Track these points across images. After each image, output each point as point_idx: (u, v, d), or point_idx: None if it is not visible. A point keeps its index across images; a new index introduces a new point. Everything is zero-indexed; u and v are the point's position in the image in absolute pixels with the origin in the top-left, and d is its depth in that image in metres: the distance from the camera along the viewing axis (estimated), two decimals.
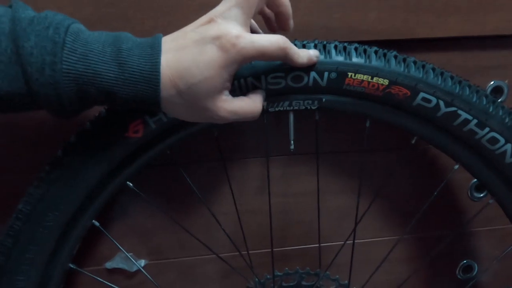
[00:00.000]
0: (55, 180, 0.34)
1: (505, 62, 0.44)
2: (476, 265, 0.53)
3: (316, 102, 0.36)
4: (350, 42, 0.35)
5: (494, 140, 0.36)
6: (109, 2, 0.37)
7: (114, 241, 0.42)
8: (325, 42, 0.34)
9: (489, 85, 0.45)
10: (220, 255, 0.44)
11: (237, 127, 0.44)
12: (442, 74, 0.35)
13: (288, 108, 0.36)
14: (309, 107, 0.36)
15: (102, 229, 0.39)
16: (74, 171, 0.34)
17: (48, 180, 0.34)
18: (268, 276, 0.46)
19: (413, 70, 0.35)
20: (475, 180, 0.49)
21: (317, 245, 0.46)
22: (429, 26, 0.40)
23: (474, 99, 0.35)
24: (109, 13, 0.37)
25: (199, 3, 0.38)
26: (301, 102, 0.36)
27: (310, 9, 0.39)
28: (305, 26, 0.39)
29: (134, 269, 0.46)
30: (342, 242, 0.46)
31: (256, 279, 0.46)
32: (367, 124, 0.38)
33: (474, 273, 0.54)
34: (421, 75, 0.35)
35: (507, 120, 0.36)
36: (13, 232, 0.34)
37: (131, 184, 0.38)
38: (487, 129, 0.36)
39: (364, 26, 0.40)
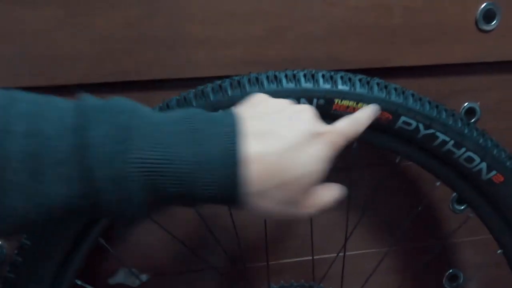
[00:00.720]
0: None
1: (475, 86, 0.48)
2: (461, 274, 0.56)
3: None
4: (336, 71, 0.38)
5: (470, 159, 0.39)
6: (115, 38, 0.40)
7: (118, 257, 0.44)
8: (313, 72, 0.38)
9: (463, 106, 0.49)
10: (218, 269, 0.47)
11: None
12: (420, 99, 0.39)
13: None
14: None
15: (107, 246, 0.41)
16: None
17: None
18: None
19: (394, 96, 0.38)
20: (456, 193, 0.52)
21: (311, 257, 0.49)
22: (404, 55, 0.44)
23: (451, 122, 0.39)
24: (114, 48, 0.40)
25: (196, 38, 0.41)
26: None
27: (297, 42, 0.42)
28: (294, 57, 0.43)
29: (137, 284, 0.48)
30: (335, 255, 0.48)
31: None
32: (354, 145, 0.41)
33: (460, 281, 0.56)
34: (401, 101, 0.38)
35: (481, 140, 0.39)
36: (23, 250, 0.36)
37: None
38: (463, 149, 0.39)
39: (346, 56, 0.43)
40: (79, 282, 0.41)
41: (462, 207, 0.53)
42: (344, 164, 0.49)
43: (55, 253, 0.37)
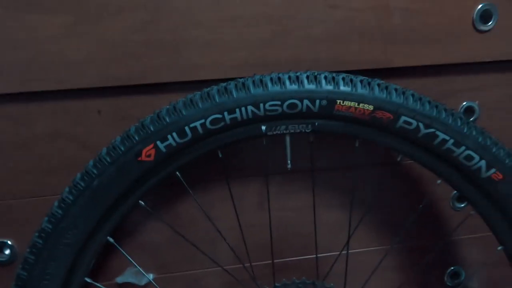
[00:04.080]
0: (74, 201, 0.37)
1: (474, 85, 0.49)
2: (463, 271, 0.57)
3: (309, 126, 0.40)
4: (338, 72, 0.39)
5: (470, 158, 0.40)
6: (122, 43, 0.41)
7: (127, 256, 0.45)
8: (316, 73, 0.39)
9: (462, 105, 0.50)
10: (224, 267, 0.48)
11: (239, 149, 0.48)
12: (420, 99, 0.40)
13: (284, 131, 0.40)
14: (303, 130, 0.40)
15: (116, 245, 0.42)
16: (92, 193, 0.38)
17: (69, 201, 0.37)
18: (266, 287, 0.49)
19: (394, 97, 0.39)
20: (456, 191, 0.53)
21: (314, 256, 0.50)
22: (404, 56, 0.45)
23: (450, 121, 0.40)
24: (122, 52, 0.41)
25: (202, 41, 0.42)
26: (296, 126, 0.40)
27: (299, 44, 0.43)
28: (297, 59, 0.44)
29: (143, 283, 0.49)
30: (338, 253, 0.49)
31: None
32: (356, 144, 0.42)
33: (462, 278, 0.57)
34: (402, 101, 0.39)
35: (480, 139, 0.40)
36: (36, 249, 0.37)
37: (143, 203, 0.41)
38: (463, 148, 0.40)
39: (347, 57, 0.44)
40: (88, 280, 0.41)
41: (463, 205, 0.54)
42: (347, 163, 0.50)
43: (66, 251, 0.38)
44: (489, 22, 0.46)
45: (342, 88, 0.38)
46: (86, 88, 0.42)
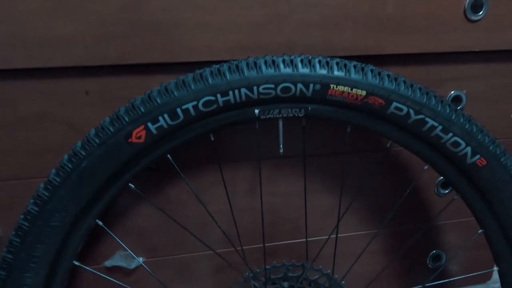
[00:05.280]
0: (62, 183, 0.36)
1: (462, 75, 0.50)
2: (444, 254, 0.59)
3: (302, 110, 0.40)
4: (332, 57, 0.39)
5: (456, 144, 0.41)
6: (111, 21, 0.39)
7: (117, 239, 0.44)
8: (310, 57, 0.38)
9: (450, 94, 0.51)
10: (215, 251, 0.48)
11: (231, 133, 0.48)
12: (412, 86, 0.40)
13: (277, 115, 0.40)
14: (296, 115, 0.40)
15: (106, 228, 0.41)
16: (80, 175, 0.37)
17: (55, 183, 0.36)
18: (257, 270, 0.50)
19: (387, 83, 0.39)
20: (441, 178, 0.55)
21: (304, 240, 0.50)
22: (396, 44, 0.46)
23: (439, 108, 0.40)
24: (111, 30, 0.40)
25: (195, 23, 0.41)
26: (289, 110, 0.40)
27: (294, 29, 0.43)
28: (289, 43, 0.43)
29: (133, 266, 0.49)
30: (327, 237, 0.50)
31: (247, 273, 0.49)
32: (348, 130, 0.43)
33: (443, 261, 0.59)
34: (394, 87, 0.39)
35: (467, 126, 0.41)
36: (22, 232, 0.36)
37: (133, 186, 0.41)
38: (450, 134, 0.41)
39: (340, 43, 0.44)
40: (77, 264, 0.41)
41: (447, 191, 0.56)
42: (337, 150, 0.51)
43: (54, 234, 0.37)
44: (479, 12, 0.47)
45: (336, 73, 0.38)
46: (73, 66, 0.40)
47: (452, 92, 0.51)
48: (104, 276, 0.46)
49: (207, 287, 0.53)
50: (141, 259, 0.49)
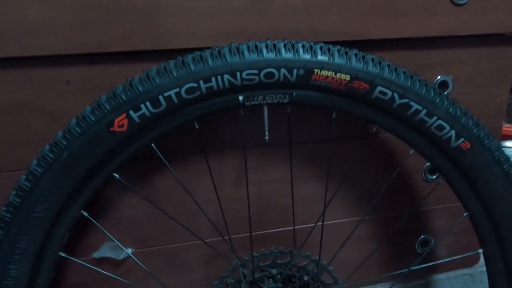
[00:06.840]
0: (43, 173, 0.36)
1: (449, 60, 0.50)
2: (432, 239, 0.60)
3: (287, 96, 0.40)
4: (316, 42, 0.39)
5: (441, 127, 0.41)
6: (91, 7, 0.38)
7: (103, 230, 0.44)
8: (293, 42, 0.38)
9: (436, 79, 0.51)
10: (204, 240, 0.48)
11: (216, 121, 0.47)
12: (396, 69, 0.40)
13: (262, 102, 0.40)
14: (281, 101, 0.40)
15: (91, 218, 0.41)
16: (62, 165, 0.36)
17: (37, 174, 0.36)
18: (246, 258, 0.50)
19: (371, 67, 0.39)
20: (428, 164, 0.55)
21: (292, 227, 0.51)
22: (382, 28, 0.45)
23: (423, 91, 0.40)
24: (91, 17, 0.39)
25: (176, 8, 0.40)
26: (274, 96, 0.40)
27: (278, 14, 0.43)
28: (273, 29, 0.43)
29: (121, 257, 0.48)
30: (314, 224, 0.50)
31: (235, 261, 0.49)
32: (334, 116, 0.43)
33: (431, 246, 0.60)
34: (378, 71, 0.39)
35: (451, 109, 0.41)
36: (4, 223, 0.36)
37: (118, 176, 0.40)
38: (435, 118, 0.41)
39: (326, 28, 0.44)
40: (63, 255, 0.41)
41: (434, 177, 0.56)
42: (323, 136, 0.51)
43: (38, 225, 0.37)
44: None
45: (319, 57, 0.38)
46: (52, 55, 0.39)
47: (439, 77, 0.51)
48: (93, 267, 0.45)
49: (197, 276, 0.53)
50: (129, 250, 0.49)
